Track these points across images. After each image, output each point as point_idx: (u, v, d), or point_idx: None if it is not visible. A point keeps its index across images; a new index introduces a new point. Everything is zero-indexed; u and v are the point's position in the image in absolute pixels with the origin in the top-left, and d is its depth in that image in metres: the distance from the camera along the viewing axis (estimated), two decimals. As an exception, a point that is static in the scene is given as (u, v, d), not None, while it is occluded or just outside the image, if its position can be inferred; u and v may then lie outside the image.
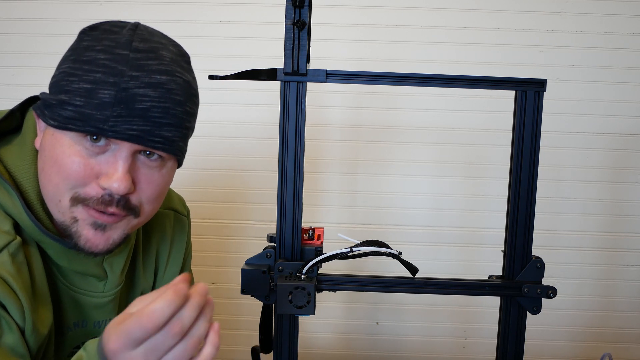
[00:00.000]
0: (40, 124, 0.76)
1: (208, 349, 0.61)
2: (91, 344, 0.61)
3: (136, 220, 0.77)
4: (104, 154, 0.71)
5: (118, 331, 0.57)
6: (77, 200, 0.72)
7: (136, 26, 0.75)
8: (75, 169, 0.70)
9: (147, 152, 0.74)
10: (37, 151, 0.76)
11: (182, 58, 0.77)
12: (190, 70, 0.79)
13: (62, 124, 0.70)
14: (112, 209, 0.72)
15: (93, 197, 0.71)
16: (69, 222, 0.73)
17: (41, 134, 0.75)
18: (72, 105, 0.69)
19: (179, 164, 0.82)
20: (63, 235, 0.74)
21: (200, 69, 0.99)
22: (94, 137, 0.70)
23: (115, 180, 0.70)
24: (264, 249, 0.94)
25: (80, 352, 0.62)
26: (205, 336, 0.61)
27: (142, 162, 0.74)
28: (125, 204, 0.73)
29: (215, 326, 0.61)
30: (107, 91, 0.68)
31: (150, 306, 0.56)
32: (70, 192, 0.71)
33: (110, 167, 0.71)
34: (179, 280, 0.59)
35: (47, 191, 0.73)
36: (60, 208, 0.73)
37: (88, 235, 0.73)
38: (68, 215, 0.73)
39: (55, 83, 0.73)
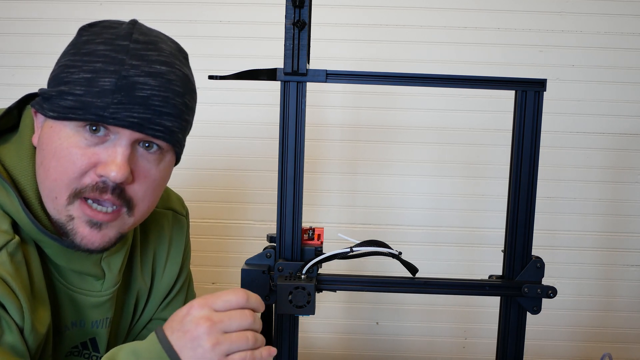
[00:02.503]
0: (39, 120, 0.75)
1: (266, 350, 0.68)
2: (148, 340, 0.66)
3: (131, 220, 0.76)
4: (103, 144, 0.71)
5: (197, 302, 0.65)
6: (74, 197, 0.71)
7: (135, 22, 0.75)
8: (73, 160, 0.70)
9: (147, 145, 0.74)
10: (34, 149, 0.76)
11: (180, 54, 0.78)
12: (188, 67, 0.80)
13: (62, 114, 0.70)
14: (106, 196, 0.71)
15: (88, 185, 0.71)
16: (64, 219, 0.72)
17: (39, 130, 0.75)
18: (72, 95, 0.69)
19: (177, 160, 0.81)
20: (60, 233, 0.74)
21: (200, 69, 1.00)
22: (94, 128, 0.70)
23: (113, 168, 0.70)
24: (264, 249, 0.94)
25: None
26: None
27: (141, 155, 0.74)
28: (120, 193, 0.72)
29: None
30: (107, 79, 0.69)
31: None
32: (68, 189, 0.71)
33: (109, 155, 0.71)
34: None
35: (45, 186, 0.73)
36: (57, 205, 0.72)
37: (84, 232, 0.73)
38: (64, 213, 0.72)
39: (54, 77, 0.73)
